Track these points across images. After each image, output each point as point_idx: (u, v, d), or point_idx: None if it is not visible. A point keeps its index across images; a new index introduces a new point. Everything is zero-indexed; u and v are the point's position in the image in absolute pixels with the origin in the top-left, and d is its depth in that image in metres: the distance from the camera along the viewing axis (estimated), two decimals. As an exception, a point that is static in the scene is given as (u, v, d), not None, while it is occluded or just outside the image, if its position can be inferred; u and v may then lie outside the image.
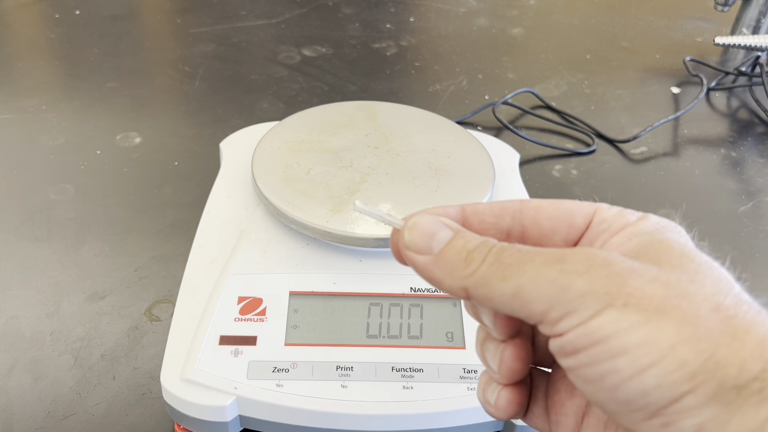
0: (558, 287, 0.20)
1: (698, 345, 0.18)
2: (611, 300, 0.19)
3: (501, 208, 0.25)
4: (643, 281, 0.20)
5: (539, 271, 0.21)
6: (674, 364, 0.18)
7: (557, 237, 0.25)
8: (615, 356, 0.19)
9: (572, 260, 0.20)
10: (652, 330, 0.19)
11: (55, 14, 0.83)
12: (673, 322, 0.19)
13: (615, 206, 0.25)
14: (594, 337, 0.19)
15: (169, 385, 0.33)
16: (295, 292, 0.37)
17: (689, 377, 0.18)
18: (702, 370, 0.18)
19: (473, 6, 0.91)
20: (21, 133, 0.61)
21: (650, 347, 0.19)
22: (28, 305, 0.44)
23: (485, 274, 0.22)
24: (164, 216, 0.52)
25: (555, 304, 0.20)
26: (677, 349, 0.18)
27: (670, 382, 0.18)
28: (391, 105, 0.49)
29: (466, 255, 0.22)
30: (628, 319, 0.19)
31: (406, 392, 0.33)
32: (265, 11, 0.87)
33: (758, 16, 0.81)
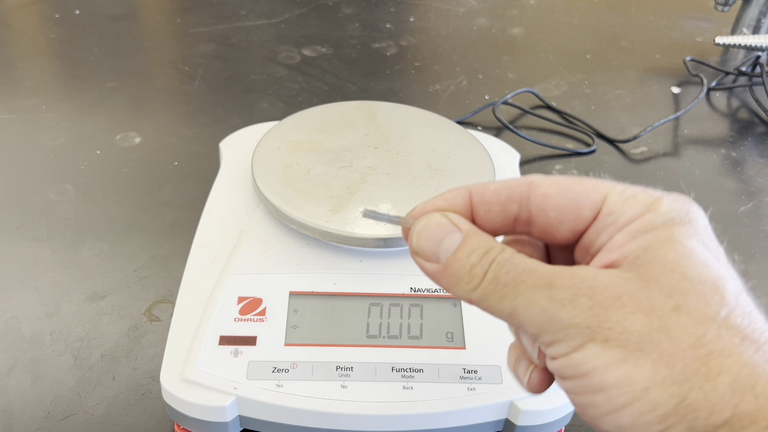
0: (546, 315, 0.21)
1: (671, 388, 0.19)
2: (592, 335, 0.20)
3: (508, 196, 0.25)
4: (624, 313, 0.20)
5: (531, 294, 0.21)
6: (647, 406, 0.19)
7: (564, 227, 0.24)
8: (595, 392, 0.20)
9: (560, 286, 0.21)
10: (628, 370, 0.19)
11: (55, 14, 0.83)
12: (650, 361, 0.19)
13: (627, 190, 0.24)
14: (577, 370, 0.21)
15: (168, 386, 0.33)
16: (295, 292, 0.37)
17: (661, 419, 0.19)
18: (673, 413, 0.19)
19: (473, 6, 0.91)
20: (21, 133, 0.61)
21: (626, 388, 0.19)
22: (27, 305, 0.44)
23: (485, 292, 0.22)
24: (164, 216, 0.52)
25: (543, 331, 0.21)
26: (650, 392, 0.19)
27: (643, 422, 0.19)
28: (391, 105, 0.49)
29: (470, 269, 0.23)
30: (608, 356, 0.20)
31: (406, 392, 0.33)
32: (265, 11, 0.87)
33: (758, 16, 0.81)
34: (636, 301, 0.20)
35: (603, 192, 0.24)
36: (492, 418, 0.34)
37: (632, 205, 0.23)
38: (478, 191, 0.25)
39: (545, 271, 0.22)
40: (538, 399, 0.33)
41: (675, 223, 0.22)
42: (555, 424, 0.35)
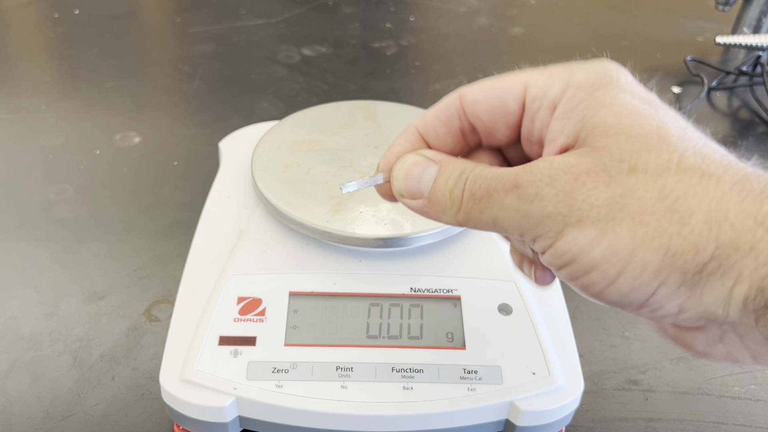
0: (520, 214, 0.22)
1: (653, 244, 0.20)
2: (566, 220, 0.21)
3: (446, 115, 0.26)
4: (587, 190, 0.21)
5: (503, 200, 0.23)
6: (638, 268, 0.20)
7: (499, 126, 0.26)
8: (588, 272, 0.21)
9: (524, 184, 0.22)
10: (610, 241, 0.21)
11: (54, 13, 0.83)
12: (625, 227, 0.20)
13: (544, 72, 0.25)
14: (565, 258, 0.22)
15: (168, 386, 0.33)
16: (294, 292, 0.37)
17: (655, 275, 0.20)
18: (663, 266, 0.20)
19: (473, 5, 0.91)
20: (20, 132, 0.61)
21: (613, 259, 0.21)
22: (27, 305, 0.44)
23: (467, 211, 0.24)
24: (163, 216, 0.52)
25: (524, 230, 0.23)
26: (636, 254, 0.20)
27: (640, 283, 0.21)
28: (391, 104, 0.49)
29: (449, 194, 0.24)
30: (586, 235, 0.21)
31: (406, 393, 0.33)
32: (264, 11, 0.86)
33: (759, 16, 0.81)
34: (593, 174, 0.21)
35: (522, 82, 0.25)
36: (492, 418, 0.34)
37: (551, 85, 0.24)
38: (421, 122, 0.27)
39: (509, 174, 0.23)
40: (538, 399, 0.33)
41: (598, 88, 0.23)
42: (555, 425, 0.35)
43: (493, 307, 0.37)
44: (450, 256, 0.39)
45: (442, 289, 0.37)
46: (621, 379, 0.42)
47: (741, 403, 0.41)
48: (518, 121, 0.25)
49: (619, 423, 0.39)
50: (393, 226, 0.38)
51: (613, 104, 0.22)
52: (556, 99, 0.24)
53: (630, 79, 0.24)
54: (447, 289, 0.37)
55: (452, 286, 0.37)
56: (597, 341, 0.44)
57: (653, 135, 0.21)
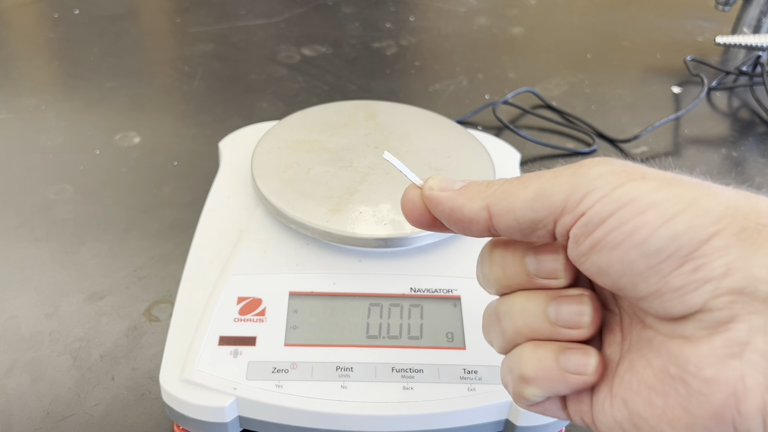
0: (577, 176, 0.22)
1: (716, 198, 0.20)
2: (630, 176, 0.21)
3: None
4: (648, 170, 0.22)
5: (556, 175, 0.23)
6: (699, 210, 0.20)
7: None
8: (643, 211, 0.21)
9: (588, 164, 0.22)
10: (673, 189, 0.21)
11: (54, 13, 0.83)
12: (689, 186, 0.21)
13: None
14: (620, 201, 0.21)
15: (168, 386, 0.33)
16: (294, 292, 0.37)
17: (715, 220, 0.20)
18: (724, 215, 0.20)
19: (473, 5, 0.91)
20: (20, 132, 0.61)
21: (676, 200, 0.20)
22: (26, 305, 0.44)
23: (506, 188, 0.24)
24: (163, 216, 0.52)
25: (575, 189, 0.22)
26: (700, 200, 0.20)
27: (699, 225, 0.20)
28: (391, 104, 0.49)
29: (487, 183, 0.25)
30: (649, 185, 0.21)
31: (406, 393, 0.33)
32: (264, 11, 0.86)
33: (759, 16, 0.81)
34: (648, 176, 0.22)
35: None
36: (492, 418, 0.34)
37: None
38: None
39: None
40: (539, 399, 0.33)
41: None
42: (555, 425, 0.35)
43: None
44: (450, 256, 0.39)
45: (442, 289, 0.37)
46: (621, 379, 0.42)
47: (741, 403, 0.40)
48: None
49: (619, 423, 0.39)
50: (393, 226, 0.38)
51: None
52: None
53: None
54: (447, 289, 0.37)
55: (452, 286, 0.37)
56: (597, 341, 0.44)
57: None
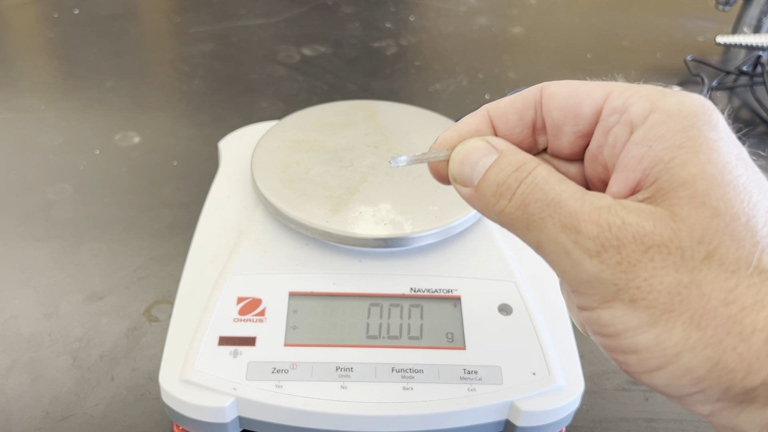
0: (570, 261, 0.20)
1: (704, 352, 0.18)
2: (619, 294, 0.19)
3: (522, 103, 0.24)
4: (653, 268, 0.19)
5: (557, 234, 0.20)
6: (680, 370, 0.19)
7: (567, 129, 0.23)
8: (625, 353, 0.20)
9: (586, 233, 0.20)
10: (659, 334, 0.19)
11: (53, 13, 0.83)
12: (680, 324, 0.19)
13: (631, 86, 0.22)
14: (605, 330, 0.20)
15: (167, 386, 0.33)
16: (294, 292, 0.37)
17: (696, 382, 0.19)
18: (708, 376, 0.18)
19: (473, 5, 0.91)
20: (19, 132, 0.61)
21: (657, 352, 0.19)
22: (26, 305, 0.44)
23: (512, 217, 0.21)
24: (163, 216, 0.52)
25: (567, 277, 0.20)
26: (683, 356, 0.19)
27: (678, 384, 0.19)
28: (391, 104, 0.49)
29: (496, 188, 0.22)
30: (636, 317, 0.19)
31: (406, 393, 0.33)
32: (264, 10, 0.86)
33: (759, 16, 0.81)
34: (665, 252, 0.19)
35: (606, 90, 0.22)
36: (492, 419, 0.34)
37: (635, 101, 0.21)
38: (494, 106, 0.24)
39: (573, 207, 0.20)
40: (539, 400, 0.33)
41: (693, 124, 0.20)
42: (556, 425, 0.35)
43: (493, 307, 0.37)
44: (450, 256, 0.39)
45: (442, 289, 0.37)
46: (621, 380, 0.42)
47: (741, 404, 0.40)
48: (589, 130, 0.23)
49: (619, 423, 0.39)
50: (393, 226, 0.37)
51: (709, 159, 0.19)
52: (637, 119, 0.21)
53: (726, 125, 0.21)
54: (447, 289, 0.37)
55: (452, 286, 0.37)
56: (597, 341, 0.44)
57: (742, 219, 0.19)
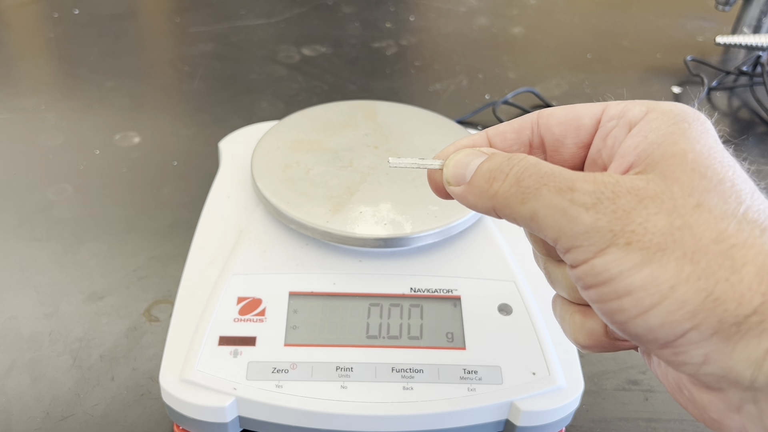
0: (566, 218, 0.21)
1: (697, 283, 0.19)
2: (614, 238, 0.20)
3: (520, 124, 0.26)
4: (647, 214, 0.20)
5: (552, 197, 0.21)
6: (675, 304, 0.19)
7: (568, 141, 0.26)
8: (621, 297, 0.20)
9: (582, 189, 0.21)
10: (653, 270, 0.20)
11: (53, 13, 0.83)
12: (673, 259, 0.20)
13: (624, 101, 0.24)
14: (600, 277, 0.21)
15: (168, 386, 0.33)
16: (294, 292, 0.37)
17: (690, 315, 0.19)
18: (702, 308, 0.19)
19: (473, 5, 0.91)
20: (19, 132, 0.61)
21: (652, 289, 0.20)
22: (26, 305, 0.44)
23: (507, 196, 0.23)
24: (163, 216, 0.52)
25: (563, 235, 0.21)
26: (677, 289, 0.19)
27: (673, 320, 0.20)
28: (391, 104, 0.49)
29: (489, 175, 0.24)
30: (631, 259, 0.20)
31: (406, 393, 0.33)
32: (264, 10, 0.86)
33: (759, 16, 0.81)
34: (658, 201, 0.20)
35: (602, 105, 0.25)
36: (492, 418, 0.34)
37: (632, 106, 0.24)
38: (493, 128, 0.27)
39: (567, 174, 0.22)
40: (539, 400, 0.33)
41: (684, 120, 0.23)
42: (555, 425, 0.35)
43: (493, 307, 0.37)
44: (450, 256, 0.39)
45: (442, 289, 0.37)
46: (621, 380, 0.42)
47: (741, 404, 0.40)
48: (589, 140, 0.25)
49: (619, 423, 0.39)
50: (393, 226, 0.37)
51: (697, 140, 0.22)
52: (634, 120, 0.23)
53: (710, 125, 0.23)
54: (447, 289, 0.37)
55: (452, 286, 0.37)
56: (597, 341, 0.44)
57: (727, 182, 0.21)
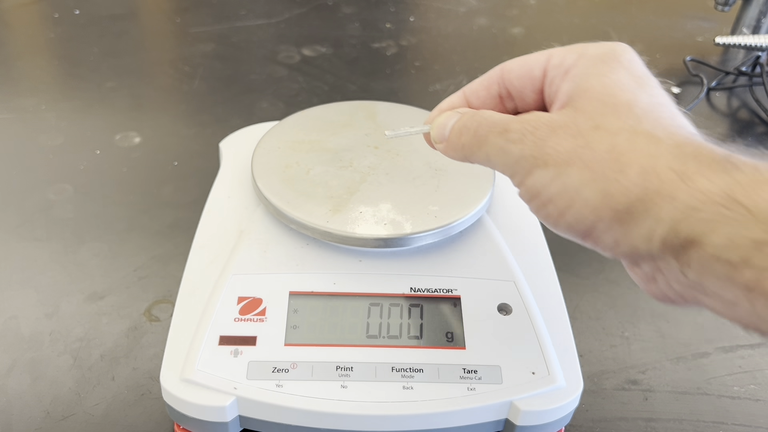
0: (505, 153, 0.28)
1: (595, 185, 0.25)
2: (536, 162, 0.26)
3: (488, 80, 0.32)
4: (557, 140, 0.26)
5: (494, 140, 0.28)
6: (581, 203, 0.25)
7: (528, 91, 0.31)
8: (546, 204, 0.27)
9: (512, 129, 0.28)
10: (563, 181, 0.26)
11: (54, 14, 0.83)
12: (576, 170, 0.25)
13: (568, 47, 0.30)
14: (531, 192, 0.27)
15: (168, 386, 0.33)
16: (294, 292, 0.37)
17: (593, 210, 0.25)
18: (601, 203, 0.25)
19: (473, 5, 0.91)
20: (20, 132, 0.61)
21: (564, 195, 0.26)
22: (27, 305, 0.44)
23: (470, 145, 0.29)
24: (164, 216, 0.52)
25: (506, 167, 0.28)
26: (581, 192, 0.25)
27: (583, 216, 0.25)
28: (391, 105, 0.49)
29: (458, 132, 0.30)
30: (547, 174, 0.26)
31: (406, 392, 0.33)
32: (264, 11, 0.86)
33: (758, 16, 0.81)
34: (567, 129, 0.26)
35: (548, 54, 0.30)
36: (492, 418, 0.34)
37: (569, 55, 0.29)
38: (468, 87, 0.33)
39: (505, 119, 0.28)
40: (538, 399, 0.33)
41: (603, 61, 0.28)
42: (555, 424, 0.35)
43: (493, 306, 0.37)
44: (450, 256, 0.39)
45: (442, 289, 0.37)
46: (621, 379, 0.42)
47: (740, 403, 0.41)
48: (542, 86, 0.30)
49: (618, 423, 0.39)
50: (393, 226, 0.38)
51: (607, 76, 0.27)
52: (569, 66, 0.29)
53: (633, 59, 0.28)
54: (447, 289, 0.37)
55: (452, 286, 0.37)
56: (596, 341, 0.44)
57: (623, 104, 0.26)
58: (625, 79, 0.27)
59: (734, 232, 0.22)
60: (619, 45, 0.29)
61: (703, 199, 0.22)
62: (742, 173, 0.23)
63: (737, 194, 0.22)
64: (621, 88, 0.27)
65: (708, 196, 0.22)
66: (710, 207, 0.22)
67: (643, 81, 0.28)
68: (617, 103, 0.26)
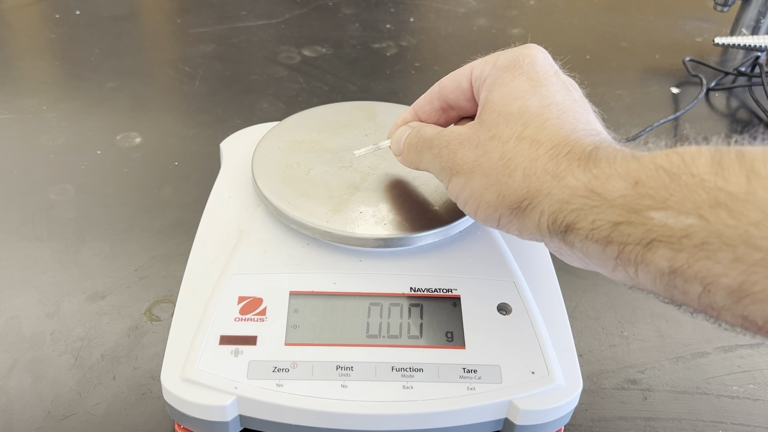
0: (432, 165, 0.34)
1: (492, 189, 0.30)
2: (451, 171, 0.32)
3: (430, 96, 0.37)
4: (465, 151, 0.31)
5: (426, 154, 0.34)
6: (485, 204, 0.31)
7: (462, 101, 0.36)
8: (464, 205, 0.32)
9: (435, 144, 0.33)
10: (471, 187, 0.31)
11: (55, 14, 0.83)
12: (478, 177, 0.31)
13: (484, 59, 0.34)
14: (453, 195, 0.33)
15: (169, 385, 0.33)
16: (295, 292, 0.37)
17: (495, 209, 0.30)
18: (498, 203, 0.30)
19: (473, 6, 0.91)
20: (21, 133, 0.61)
21: (473, 198, 0.31)
22: (28, 305, 0.44)
23: (413, 159, 0.36)
24: (164, 216, 0.52)
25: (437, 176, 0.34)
26: (483, 195, 0.31)
27: (489, 214, 0.31)
28: (391, 105, 0.49)
29: (407, 146, 0.36)
30: (460, 182, 0.31)
31: (406, 392, 0.33)
32: (265, 11, 0.87)
33: (758, 17, 0.81)
34: (470, 141, 0.31)
35: (471, 66, 0.35)
36: (491, 417, 0.34)
37: (486, 67, 0.33)
38: (416, 103, 0.38)
39: (431, 135, 0.34)
40: (538, 399, 0.33)
41: (506, 70, 0.32)
42: (554, 424, 0.35)
43: (493, 306, 0.37)
44: (450, 256, 0.39)
45: (441, 288, 0.37)
46: (620, 379, 0.42)
47: (740, 403, 0.41)
48: (472, 97, 0.35)
49: (618, 422, 0.40)
50: (393, 226, 0.38)
51: (506, 86, 0.32)
52: (485, 77, 0.33)
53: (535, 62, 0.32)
54: (447, 289, 0.37)
55: (452, 286, 0.37)
56: (596, 341, 0.44)
57: (514, 113, 0.30)
58: (521, 85, 0.31)
59: (596, 218, 0.26)
60: (524, 49, 0.33)
61: (571, 193, 0.27)
62: (599, 169, 0.27)
63: (596, 187, 0.27)
64: (515, 96, 0.31)
65: (574, 190, 0.27)
66: (577, 199, 0.27)
67: (538, 83, 0.31)
68: (509, 113, 0.31)
